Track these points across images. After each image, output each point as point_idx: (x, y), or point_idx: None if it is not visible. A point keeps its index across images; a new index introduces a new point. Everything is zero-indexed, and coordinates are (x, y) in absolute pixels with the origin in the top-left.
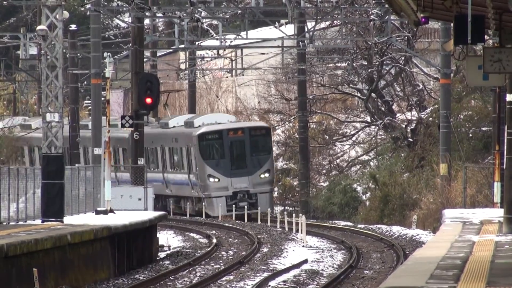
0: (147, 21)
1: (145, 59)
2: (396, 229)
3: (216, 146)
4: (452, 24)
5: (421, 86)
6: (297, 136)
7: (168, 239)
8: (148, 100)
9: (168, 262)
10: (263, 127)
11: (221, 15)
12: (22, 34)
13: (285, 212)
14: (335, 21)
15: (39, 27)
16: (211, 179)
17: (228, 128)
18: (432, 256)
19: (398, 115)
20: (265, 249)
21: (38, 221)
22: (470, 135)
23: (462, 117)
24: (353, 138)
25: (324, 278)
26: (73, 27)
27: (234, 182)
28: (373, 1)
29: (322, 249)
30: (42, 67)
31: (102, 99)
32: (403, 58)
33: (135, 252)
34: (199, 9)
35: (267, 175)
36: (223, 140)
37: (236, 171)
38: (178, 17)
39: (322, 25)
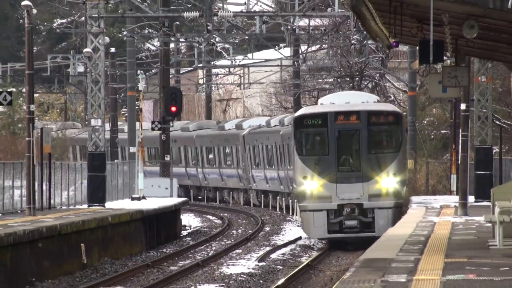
0: (172, 45)
1: (170, 76)
2: None
3: (317, 136)
4: (417, 47)
5: (392, 97)
6: None
7: (189, 220)
8: (173, 109)
9: (189, 238)
10: (391, 112)
11: (231, 40)
12: (72, 55)
13: (283, 198)
14: (323, 45)
15: (85, 50)
16: (307, 184)
17: (337, 111)
18: (401, 234)
19: None
20: (267, 228)
21: (85, 206)
22: (432, 136)
23: (425, 122)
24: None
25: (314, 252)
26: (112, 50)
27: (340, 190)
28: (354, 29)
29: None
30: (87, 82)
31: (136, 107)
32: (378, 74)
33: (163, 230)
34: (214, 35)
35: (392, 182)
36: (328, 128)
37: (344, 174)
38: (197, 42)
39: (313, 48)
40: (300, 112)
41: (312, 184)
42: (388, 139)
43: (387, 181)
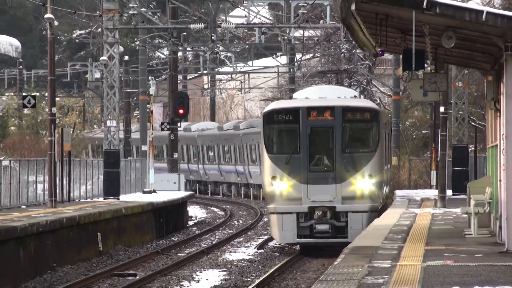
0: (180, 54)
1: (178, 81)
2: None
3: (287, 133)
4: (401, 56)
5: (378, 101)
6: None
7: (195, 212)
8: (181, 111)
9: (195, 228)
10: (367, 108)
11: (233, 49)
12: (89, 63)
13: None
14: (316, 54)
15: (101, 58)
16: (276, 185)
17: (309, 106)
18: (386, 224)
19: None
20: (266, 219)
21: (101, 199)
22: (414, 136)
23: (408, 123)
24: None
25: None
26: (126, 58)
27: (312, 192)
28: (344, 39)
29: None
30: (104, 87)
31: (147, 110)
32: (365, 80)
33: (171, 221)
34: (217, 45)
35: (367, 184)
36: (299, 124)
37: (316, 174)
38: (203, 50)
39: (307, 56)
40: (270, 106)
41: (281, 185)
42: (364, 138)
43: (363, 183)
